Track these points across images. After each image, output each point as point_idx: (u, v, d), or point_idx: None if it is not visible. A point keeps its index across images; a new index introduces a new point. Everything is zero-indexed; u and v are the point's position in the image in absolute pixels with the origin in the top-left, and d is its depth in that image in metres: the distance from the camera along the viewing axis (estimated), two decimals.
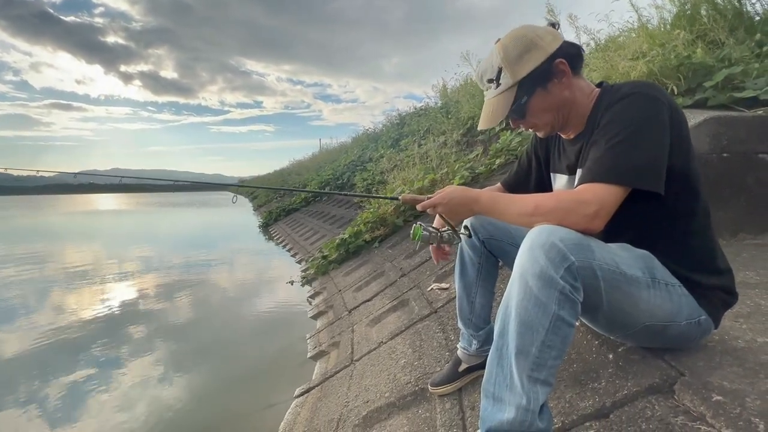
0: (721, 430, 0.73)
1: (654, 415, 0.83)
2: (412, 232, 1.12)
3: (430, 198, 1.04)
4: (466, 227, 1.19)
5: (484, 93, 1.01)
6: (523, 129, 1.03)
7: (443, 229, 1.13)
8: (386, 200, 4.34)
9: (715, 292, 0.90)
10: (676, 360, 0.93)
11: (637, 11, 3.47)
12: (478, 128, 1.04)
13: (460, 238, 1.14)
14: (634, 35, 3.40)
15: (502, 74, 0.93)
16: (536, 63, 0.90)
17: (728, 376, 0.85)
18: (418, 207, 1.07)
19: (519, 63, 0.91)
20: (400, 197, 1.19)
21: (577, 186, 0.85)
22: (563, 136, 1.05)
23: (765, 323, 1.06)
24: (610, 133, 0.83)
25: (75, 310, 3.90)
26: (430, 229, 1.13)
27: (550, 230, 0.75)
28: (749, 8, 3.04)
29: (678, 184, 0.85)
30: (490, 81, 0.96)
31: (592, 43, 3.85)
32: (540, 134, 1.04)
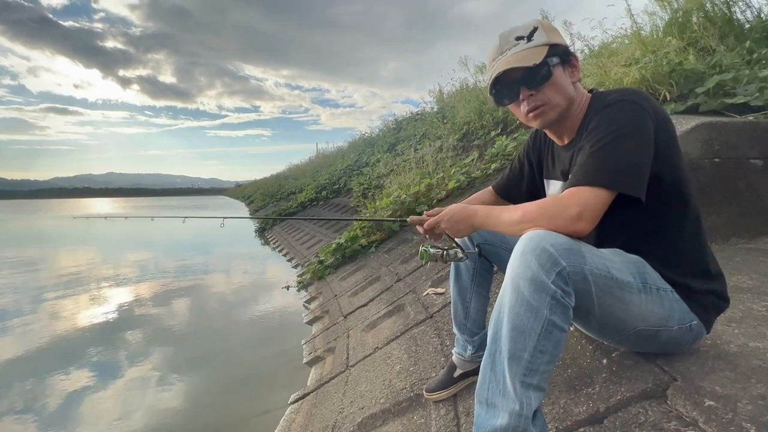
0: None
1: (647, 421, 0.83)
2: (420, 252, 1.13)
3: (432, 218, 1.06)
4: (477, 245, 1.19)
5: (503, 53, 0.93)
6: (526, 108, 0.95)
7: (449, 248, 1.14)
8: (387, 210, 4.27)
9: (706, 296, 0.91)
10: (668, 365, 0.94)
11: (632, 17, 3.52)
12: (495, 75, 0.93)
13: (467, 255, 1.15)
14: (627, 42, 3.45)
15: (537, 32, 0.92)
16: (563, 41, 0.94)
17: (720, 381, 0.85)
18: (424, 226, 1.08)
19: (553, 31, 0.94)
20: (408, 219, 1.20)
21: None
22: (557, 142, 1.06)
23: (757, 327, 1.07)
24: (594, 139, 0.84)
25: (70, 316, 3.86)
26: (438, 246, 1.14)
27: (541, 236, 0.76)
28: (739, 16, 3.10)
29: (667, 189, 0.86)
30: (519, 38, 0.92)
31: (586, 50, 3.90)
32: (539, 122, 0.96)
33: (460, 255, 1.13)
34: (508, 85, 0.94)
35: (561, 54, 0.92)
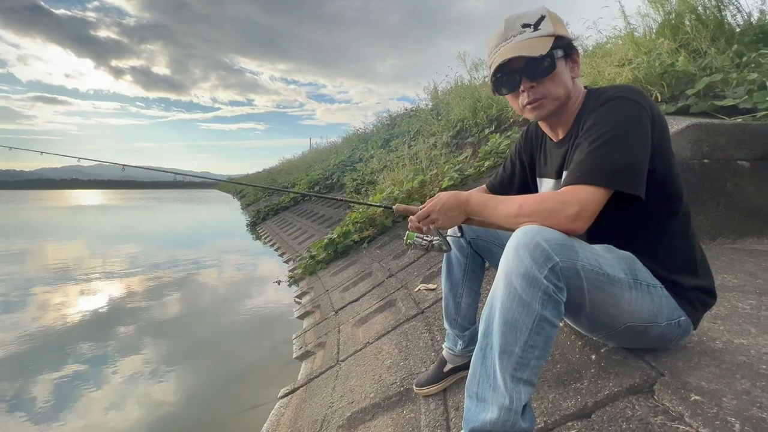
0: (699, 429, 0.74)
1: (634, 415, 0.84)
2: (407, 234, 1.12)
3: (422, 208, 1.02)
4: (460, 227, 1.19)
5: (507, 40, 0.91)
6: (525, 100, 0.93)
7: (435, 238, 1.14)
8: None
9: (694, 293, 0.92)
10: (656, 360, 0.95)
11: (626, 18, 3.54)
12: (498, 63, 0.91)
13: (450, 246, 1.15)
14: (620, 42, 3.48)
15: (544, 21, 0.89)
16: (568, 34, 0.92)
17: (706, 377, 0.86)
18: (413, 218, 1.06)
19: (560, 22, 0.92)
20: (393, 207, 1.18)
21: (561, 188, 0.85)
22: (551, 136, 1.06)
23: (742, 325, 1.09)
24: (593, 136, 0.84)
25: (58, 309, 3.79)
26: (423, 237, 1.13)
27: (535, 231, 0.76)
28: (730, 19, 3.14)
29: (660, 187, 0.87)
30: (525, 25, 0.90)
31: (581, 50, 3.91)
32: (536, 114, 0.95)
33: (445, 248, 1.13)
34: (510, 74, 0.93)
35: (565, 47, 0.91)
